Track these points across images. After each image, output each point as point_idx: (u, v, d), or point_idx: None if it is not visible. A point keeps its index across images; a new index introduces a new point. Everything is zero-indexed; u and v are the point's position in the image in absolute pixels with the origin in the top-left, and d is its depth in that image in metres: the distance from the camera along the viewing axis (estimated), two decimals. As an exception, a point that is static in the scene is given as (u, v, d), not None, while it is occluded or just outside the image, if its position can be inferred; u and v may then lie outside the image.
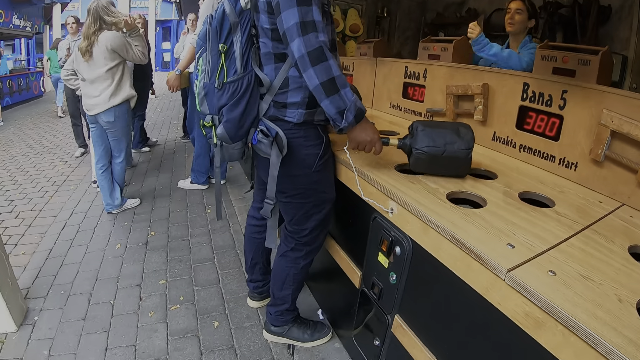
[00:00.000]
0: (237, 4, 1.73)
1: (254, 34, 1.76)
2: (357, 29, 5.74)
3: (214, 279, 2.92)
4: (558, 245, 1.21)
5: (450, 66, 2.48)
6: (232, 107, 1.76)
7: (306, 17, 1.52)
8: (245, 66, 1.75)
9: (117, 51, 3.49)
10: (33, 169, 5.51)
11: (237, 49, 1.74)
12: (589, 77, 1.87)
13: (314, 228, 2.02)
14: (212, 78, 1.77)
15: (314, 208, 1.98)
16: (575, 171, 1.81)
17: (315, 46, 1.52)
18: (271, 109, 1.80)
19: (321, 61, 1.53)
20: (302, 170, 1.87)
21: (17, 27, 12.39)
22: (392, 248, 1.58)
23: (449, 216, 1.35)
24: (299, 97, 1.77)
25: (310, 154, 1.86)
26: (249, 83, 1.75)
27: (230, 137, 1.82)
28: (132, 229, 3.67)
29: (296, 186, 1.91)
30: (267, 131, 1.79)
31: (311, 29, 1.52)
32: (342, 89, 1.56)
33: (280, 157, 1.78)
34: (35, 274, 2.97)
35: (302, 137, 1.83)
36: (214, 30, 1.75)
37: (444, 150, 1.65)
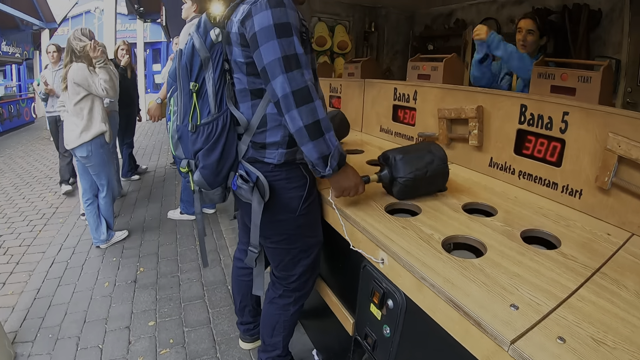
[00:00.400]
0: (207, 37, 1.61)
1: (227, 69, 1.65)
2: (345, 46, 5.68)
3: (204, 318, 2.79)
4: (567, 299, 1.09)
5: (442, 87, 2.37)
6: (207, 151, 1.63)
7: (288, 51, 1.43)
8: (219, 105, 1.64)
9: (80, 85, 3.39)
10: (22, 201, 5.42)
11: (209, 87, 1.62)
12: (591, 96, 1.75)
13: (303, 273, 1.89)
14: (184, 120, 1.65)
15: (301, 253, 1.85)
16: (580, 199, 1.68)
17: (301, 85, 1.42)
18: (250, 150, 1.68)
19: (307, 102, 1.43)
20: (286, 215, 1.75)
21: (7, 54, 12.41)
22: (385, 301, 1.44)
23: (446, 272, 1.22)
24: (279, 135, 1.65)
25: (294, 197, 1.73)
26: (225, 124, 1.63)
27: (209, 184, 1.70)
28: (120, 265, 3.55)
29: (281, 231, 1.79)
30: (246, 176, 1.68)
31: (295, 65, 1.43)
32: (326, 132, 1.48)
33: (263, 203, 1.67)
34: (23, 315, 2.86)
35: (284, 179, 1.71)
36: (183, 68, 1.63)
37: (427, 171, 1.70)
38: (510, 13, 4.89)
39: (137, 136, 6.52)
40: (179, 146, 1.71)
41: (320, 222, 1.90)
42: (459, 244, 1.46)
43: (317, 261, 1.93)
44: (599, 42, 4.09)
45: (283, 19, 1.44)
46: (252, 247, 1.77)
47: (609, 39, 4.01)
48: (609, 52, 3.99)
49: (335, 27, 5.67)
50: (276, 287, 1.97)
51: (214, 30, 1.62)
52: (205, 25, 1.63)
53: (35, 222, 4.64)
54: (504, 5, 4.98)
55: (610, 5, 3.95)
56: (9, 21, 12.29)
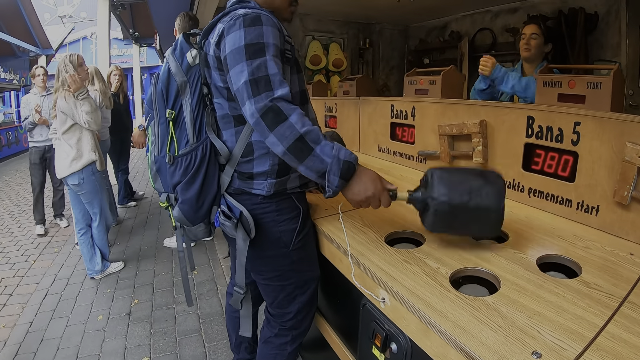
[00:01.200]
0: (183, 60, 1.51)
1: (206, 93, 1.52)
2: (341, 64, 5.64)
3: (200, 353, 2.67)
4: (594, 339, 0.95)
5: (441, 102, 2.26)
6: (186, 185, 1.50)
7: (257, 73, 1.29)
8: (198, 134, 1.51)
9: (66, 114, 3.35)
10: (18, 230, 5.38)
11: (187, 114, 1.50)
12: (602, 103, 1.61)
13: (299, 311, 1.74)
14: (162, 151, 1.54)
15: (297, 289, 1.71)
16: (597, 216, 1.55)
17: (267, 106, 1.27)
18: (235, 182, 1.55)
19: (280, 122, 1.27)
20: (278, 250, 1.61)
21: (4, 81, 12.52)
22: (387, 344, 1.29)
23: (456, 314, 1.07)
24: (267, 164, 1.51)
25: (286, 231, 1.60)
26: (204, 154, 1.50)
27: (189, 220, 1.56)
28: (115, 297, 3.44)
29: (273, 267, 1.66)
30: (228, 212, 1.54)
31: (264, 88, 1.29)
32: (316, 146, 1.30)
33: (248, 240, 1.53)
34: (15, 350, 2.80)
35: (275, 211, 1.57)
36: (159, 94, 1.53)
37: (469, 199, 1.29)
38: (504, 22, 4.84)
39: (134, 161, 6.44)
40: (158, 179, 1.61)
41: (316, 255, 1.76)
42: (469, 277, 1.32)
43: (315, 297, 1.80)
44: (596, 45, 4.04)
45: (257, 38, 1.32)
46: (238, 288, 1.64)
47: (606, 41, 3.95)
48: (608, 54, 3.94)
49: (329, 45, 5.63)
50: (271, 325, 1.82)
51: (191, 51, 1.51)
52: (182, 46, 1.53)
53: (30, 252, 4.59)
54: (498, 15, 4.94)
55: (606, 8, 3.90)
56: (6, 48, 12.42)
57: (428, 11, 5.30)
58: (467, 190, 1.31)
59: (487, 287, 1.28)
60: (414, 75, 2.58)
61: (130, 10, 9.22)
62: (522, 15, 4.54)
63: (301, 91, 1.56)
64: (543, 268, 1.30)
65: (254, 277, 1.74)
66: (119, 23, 10.15)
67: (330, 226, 1.71)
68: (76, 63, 3.36)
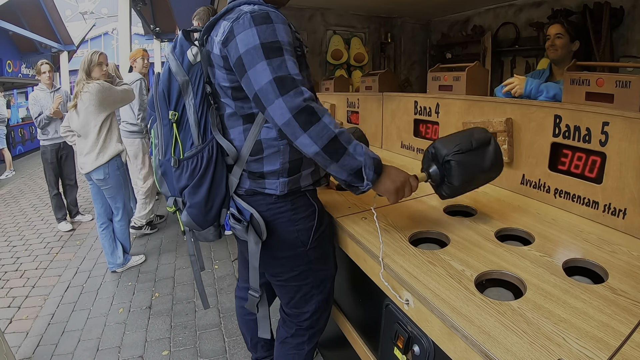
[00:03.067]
0: (184, 58, 1.44)
1: (209, 92, 1.46)
2: (362, 58, 5.59)
3: (220, 348, 2.68)
4: (620, 348, 0.93)
5: (466, 99, 2.22)
6: (193, 189, 1.45)
7: (279, 71, 1.25)
8: (203, 135, 1.45)
9: (104, 103, 3.34)
10: (40, 223, 5.45)
11: (190, 114, 1.44)
12: (631, 102, 1.56)
13: (316, 310, 1.72)
14: (167, 154, 1.49)
15: (314, 289, 1.68)
16: (624, 220, 1.52)
17: (301, 106, 1.24)
18: (245, 182, 1.50)
19: (314, 122, 1.25)
20: (295, 250, 1.57)
21: (27, 76, 12.64)
22: (410, 346, 1.28)
23: (481, 319, 1.05)
24: (277, 163, 1.47)
25: (304, 229, 1.56)
26: (210, 156, 1.44)
27: (198, 224, 1.52)
28: (135, 290, 3.48)
29: (290, 268, 1.62)
30: (238, 214, 1.50)
31: (291, 86, 1.25)
32: (349, 145, 1.30)
33: (260, 243, 1.49)
34: (36, 341, 2.84)
35: (290, 210, 1.53)
36: (160, 96, 1.46)
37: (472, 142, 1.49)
38: (528, 16, 4.75)
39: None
40: (164, 183, 1.56)
41: (332, 252, 1.73)
42: (495, 279, 1.30)
43: (331, 294, 1.77)
44: (622, 40, 3.96)
45: (271, 37, 1.28)
46: (253, 291, 1.59)
47: (632, 37, 3.87)
48: (634, 51, 3.86)
49: (351, 39, 5.58)
50: (288, 325, 1.79)
51: (191, 49, 1.45)
52: (182, 44, 1.46)
53: (53, 245, 4.65)
54: (522, 9, 4.84)
55: (632, 2, 3.81)
56: (28, 44, 12.59)
57: (450, 5, 5.23)
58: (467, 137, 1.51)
59: (512, 291, 1.25)
60: (437, 71, 2.55)
61: (150, 5, 9.28)
62: (546, 9, 4.45)
63: (310, 88, 1.48)
64: (569, 272, 1.28)
65: (268, 278, 1.70)
66: (139, 19, 10.22)
67: (355, 225, 1.69)
68: (96, 62, 3.35)
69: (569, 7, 4.21)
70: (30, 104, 4.92)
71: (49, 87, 4.82)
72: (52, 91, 4.80)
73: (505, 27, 5.08)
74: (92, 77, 3.34)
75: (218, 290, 3.41)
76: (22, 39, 11.90)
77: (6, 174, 8.75)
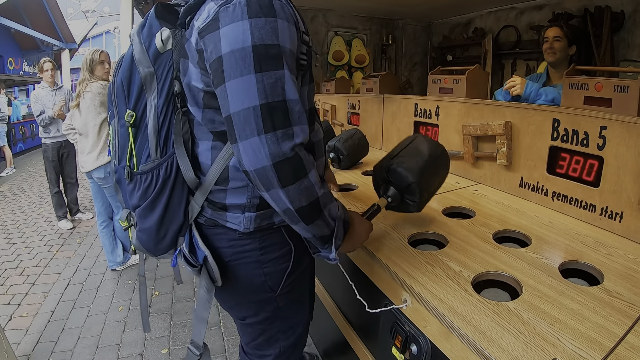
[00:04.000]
0: (151, 44, 1.10)
1: (177, 91, 1.11)
2: (363, 60, 5.61)
3: (219, 347, 2.68)
4: (614, 349, 0.94)
5: (465, 102, 2.24)
6: (144, 211, 1.15)
7: (273, 95, 0.93)
8: (163, 147, 1.13)
9: (105, 104, 3.34)
10: (41, 220, 5.45)
11: (150, 118, 1.11)
12: (629, 107, 1.58)
13: (279, 355, 1.43)
14: (121, 160, 1.18)
15: (280, 334, 1.41)
16: (621, 223, 1.54)
17: (287, 155, 0.95)
18: (207, 210, 1.21)
19: (297, 179, 0.98)
20: (261, 295, 1.29)
21: (28, 74, 12.63)
22: (407, 345, 1.29)
23: (477, 319, 1.07)
24: (244, 197, 1.16)
25: (273, 273, 1.26)
26: (168, 175, 1.13)
27: (149, 252, 1.22)
28: (135, 289, 3.48)
29: (255, 312, 1.34)
30: (189, 256, 1.22)
31: (281, 122, 0.94)
32: (325, 208, 1.07)
33: (214, 291, 1.22)
34: (36, 338, 2.84)
35: (257, 249, 1.22)
36: (119, 88, 1.15)
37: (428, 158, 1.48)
38: (530, 19, 4.77)
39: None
40: (119, 191, 1.26)
41: (308, 296, 1.50)
42: (491, 280, 1.31)
43: (301, 340, 1.51)
44: (622, 44, 3.99)
45: (269, 37, 0.93)
46: (193, 347, 1.29)
47: (633, 41, 3.90)
48: (634, 55, 3.89)
49: (352, 40, 5.60)
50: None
51: (162, 31, 1.09)
52: (152, 24, 1.11)
53: (53, 242, 4.65)
54: (523, 12, 4.86)
55: (633, 7, 3.84)
56: (30, 42, 12.57)
57: (452, 7, 5.25)
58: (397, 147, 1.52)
59: (509, 292, 1.27)
60: (438, 73, 2.57)
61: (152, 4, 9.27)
62: (548, 12, 4.47)
63: (311, 109, 1.22)
64: (565, 274, 1.29)
65: (230, 314, 1.46)
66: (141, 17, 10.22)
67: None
68: (98, 60, 3.37)
69: (570, 10, 4.23)
70: (32, 102, 4.90)
71: (51, 86, 4.80)
72: (54, 89, 4.79)
73: (507, 30, 5.10)
74: (95, 75, 3.35)
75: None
76: (24, 36, 11.89)
77: (7, 171, 8.75)
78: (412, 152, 1.49)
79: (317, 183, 1.03)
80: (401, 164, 1.43)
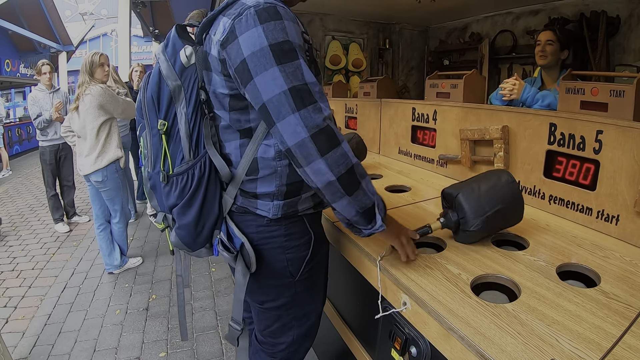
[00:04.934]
0: (176, 60, 1.25)
1: (203, 99, 1.26)
2: (360, 64, 5.62)
3: (217, 350, 2.68)
4: (611, 350, 0.95)
5: (463, 106, 2.26)
6: (182, 209, 1.28)
7: (296, 80, 1.06)
8: (195, 149, 1.27)
9: (104, 108, 3.35)
10: (37, 223, 5.44)
11: (182, 125, 1.25)
12: (624, 111, 1.60)
13: (292, 343, 1.52)
14: (156, 166, 1.31)
15: (295, 321, 1.49)
16: (617, 226, 1.55)
17: (320, 126, 1.06)
18: (239, 199, 1.32)
19: (333, 147, 1.08)
20: (282, 280, 1.39)
21: (25, 76, 12.64)
22: (407, 347, 1.29)
23: (476, 320, 1.08)
24: (273, 185, 1.27)
25: (295, 259, 1.37)
26: (202, 174, 1.26)
27: (188, 246, 1.36)
28: (132, 292, 3.48)
29: (273, 297, 1.43)
30: (227, 242, 1.33)
31: (309, 100, 1.07)
32: (362, 179, 1.15)
33: (248, 275, 1.32)
34: (33, 342, 2.83)
35: (283, 236, 1.33)
36: (149, 102, 1.29)
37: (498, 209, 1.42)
38: (526, 24, 4.80)
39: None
40: (154, 196, 1.38)
41: (322, 284, 1.56)
42: (490, 282, 1.32)
43: (313, 330, 1.58)
44: (618, 49, 4.01)
45: (281, 36, 1.07)
46: (234, 323, 1.44)
47: (628, 45, 3.92)
48: (630, 59, 3.91)
49: (349, 45, 5.61)
50: (260, 356, 1.58)
51: (185, 49, 1.25)
52: (174, 42, 1.26)
53: (49, 245, 4.63)
54: (519, 17, 4.89)
55: (628, 11, 3.86)
56: (27, 44, 12.60)
57: (448, 12, 5.27)
58: (493, 200, 1.42)
59: (507, 294, 1.28)
60: (435, 78, 2.59)
61: (150, 8, 9.27)
62: (544, 17, 4.50)
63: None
64: (562, 276, 1.30)
65: (249, 302, 1.53)
66: (139, 20, 10.22)
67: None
68: (98, 63, 3.37)
69: (566, 15, 4.26)
70: (29, 105, 4.89)
71: (49, 88, 4.79)
72: (52, 92, 4.78)
73: (503, 35, 5.13)
74: (95, 78, 3.36)
75: (215, 292, 3.41)
76: (21, 38, 11.91)
77: (3, 174, 8.73)
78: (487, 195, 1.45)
79: (350, 151, 1.12)
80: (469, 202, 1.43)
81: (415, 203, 1.98)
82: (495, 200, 1.42)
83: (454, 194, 1.46)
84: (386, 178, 2.43)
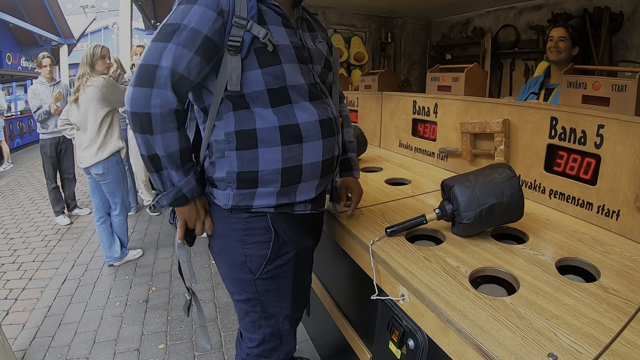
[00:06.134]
0: None
1: None
2: (362, 57, 5.58)
3: (216, 342, 2.68)
4: (610, 345, 0.95)
5: (464, 99, 2.25)
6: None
7: (150, 59, 1.12)
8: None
9: (106, 99, 3.34)
10: (38, 216, 5.45)
11: None
12: (626, 106, 1.60)
13: (264, 341, 1.52)
14: None
15: (262, 320, 1.48)
16: (617, 221, 1.55)
17: (143, 110, 1.13)
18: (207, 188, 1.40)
19: (144, 132, 1.15)
20: (242, 275, 1.40)
21: (26, 69, 12.59)
22: (405, 340, 1.29)
23: (474, 313, 1.07)
24: (224, 171, 1.29)
25: (253, 255, 1.36)
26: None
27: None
28: (132, 284, 3.48)
29: (238, 290, 1.45)
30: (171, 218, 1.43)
31: (147, 81, 1.12)
32: (165, 170, 1.22)
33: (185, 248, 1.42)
34: (33, 333, 2.84)
35: (241, 230, 1.34)
36: None
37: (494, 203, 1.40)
38: (528, 19, 4.76)
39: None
40: None
41: (290, 294, 1.49)
42: (488, 276, 1.32)
43: (286, 337, 1.56)
44: (621, 45, 3.97)
45: (177, 19, 1.14)
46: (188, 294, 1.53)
47: (632, 41, 3.88)
48: (633, 55, 3.87)
49: (351, 38, 5.57)
50: (241, 347, 1.60)
51: None
52: None
53: (50, 238, 4.64)
54: (522, 12, 4.85)
55: (632, 8, 3.82)
56: (28, 37, 12.54)
57: (451, 6, 5.23)
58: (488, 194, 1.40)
59: (506, 288, 1.28)
60: (437, 71, 2.57)
61: (151, 0, 9.24)
62: (547, 12, 4.46)
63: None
64: (562, 271, 1.30)
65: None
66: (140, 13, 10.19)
67: (351, 220, 1.69)
68: (99, 55, 3.35)
69: (569, 11, 4.23)
70: (29, 97, 4.87)
71: (49, 81, 4.77)
72: (52, 85, 4.76)
73: (505, 30, 5.09)
74: (96, 70, 3.34)
75: (215, 285, 3.41)
76: (22, 31, 11.85)
77: (4, 167, 8.75)
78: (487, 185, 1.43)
79: (164, 142, 1.18)
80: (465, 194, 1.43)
81: (414, 196, 1.97)
82: (491, 194, 1.40)
83: (450, 184, 1.46)
84: (386, 171, 2.43)
